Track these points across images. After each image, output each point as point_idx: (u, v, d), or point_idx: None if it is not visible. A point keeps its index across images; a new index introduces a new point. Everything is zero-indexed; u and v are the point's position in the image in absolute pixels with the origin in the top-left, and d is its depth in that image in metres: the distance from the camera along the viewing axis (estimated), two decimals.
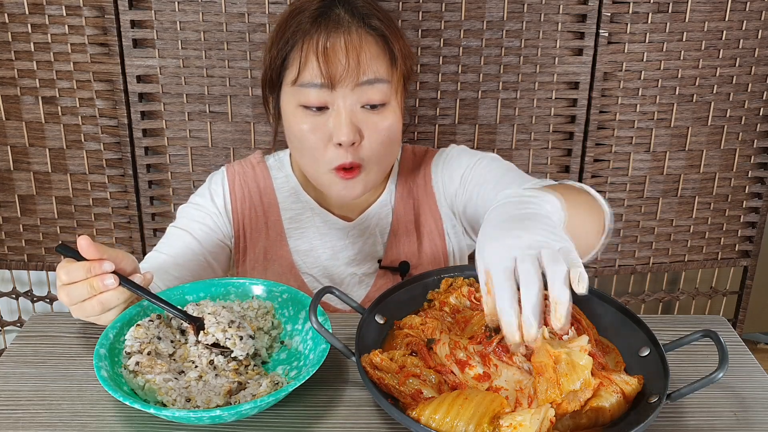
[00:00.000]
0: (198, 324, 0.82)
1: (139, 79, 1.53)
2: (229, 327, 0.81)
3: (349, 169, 1.02)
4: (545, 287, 0.66)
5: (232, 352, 0.80)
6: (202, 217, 1.14)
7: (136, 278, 0.83)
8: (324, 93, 0.99)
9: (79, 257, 0.80)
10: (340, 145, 1.00)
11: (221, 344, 0.80)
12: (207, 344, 0.80)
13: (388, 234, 1.16)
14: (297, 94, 1.01)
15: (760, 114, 1.67)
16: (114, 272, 0.80)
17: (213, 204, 1.15)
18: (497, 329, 0.78)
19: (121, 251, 0.83)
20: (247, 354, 0.81)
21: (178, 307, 0.84)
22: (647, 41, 1.56)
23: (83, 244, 0.79)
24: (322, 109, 1.00)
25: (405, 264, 1.15)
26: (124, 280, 0.81)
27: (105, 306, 0.81)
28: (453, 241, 1.18)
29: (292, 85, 1.01)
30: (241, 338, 0.81)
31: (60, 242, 0.80)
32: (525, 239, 0.68)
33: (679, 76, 1.60)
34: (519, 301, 0.66)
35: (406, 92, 1.10)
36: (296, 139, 1.04)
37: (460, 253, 1.20)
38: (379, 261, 1.16)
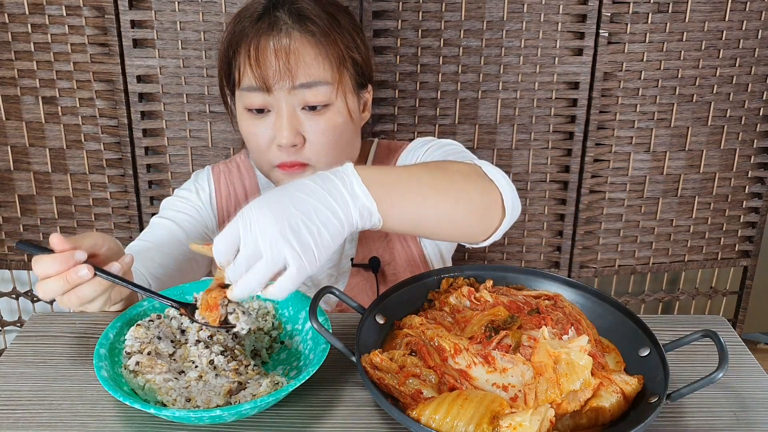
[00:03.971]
0: (189, 308, 0.81)
1: (139, 79, 1.53)
2: (229, 302, 0.80)
3: (291, 165, 1.02)
4: None
5: (233, 327, 0.79)
6: (186, 209, 1.14)
7: (113, 267, 0.79)
8: (263, 96, 1.00)
9: (45, 252, 0.77)
10: (281, 146, 1.01)
11: (226, 321, 0.80)
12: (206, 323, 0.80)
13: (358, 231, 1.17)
14: (241, 97, 1.02)
15: (760, 114, 1.67)
16: (87, 262, 0.76)
17: (198, 198, 1.16)
18: (497, 329, 0.78)
19: (99, 235, 0.79)
20: (252, 344, 0.81)
21: (164, 295, 0.83)
22: (647, 41, 1.57)
23: (54, 241, 0.76)
24: (263, 111, 1.01)
25: (375, 260, 1.15)
26: (98, 270, 0.77)
27: (82, 299, 0.78)
28: (426, 243, 1.17)
29: (238, 89, 1.03)
30: (244, 312, 0.80)
31: (20, 239, 0.74)
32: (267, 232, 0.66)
33: (679, 76, 1.60)
34: None
35: (364, 90, 1.10)
36: (246, 140, 1.06)
37: (438, 257, 1.19)
38: (352, 259, 1.17)
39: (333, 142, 1.03)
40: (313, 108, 1.01)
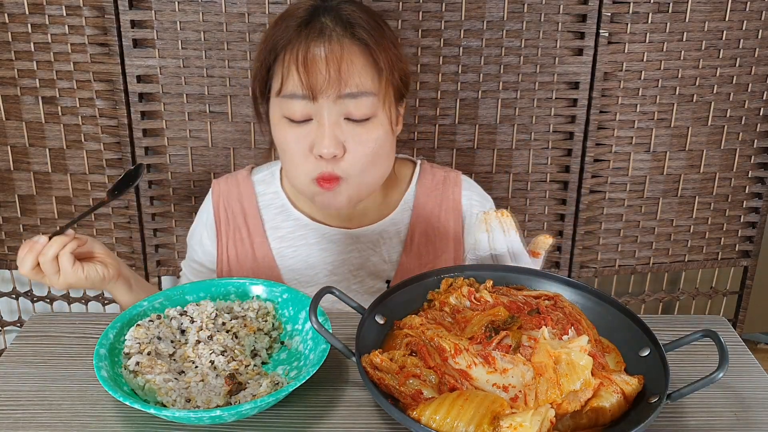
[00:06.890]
0: None
1: (139, 79, 1.53)
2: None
3: (328, 179, 1.00)
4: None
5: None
6: (199, 244, 1.18)
7: (68, 232, 0.99)
8: (306, 104, 0.96)
9: None
10: (321, 156, 0.98)
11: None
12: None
13: (400, 253, 1.14)
14: (281, 104, 0.99)
15: (760, 114, 1.67)
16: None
17: (205, 226, 1.17)
18: (497, 329, 0.78)
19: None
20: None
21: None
22: (647, 41, 1.57)
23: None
24: (305, 120, 0.98)
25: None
26: (54, 233, 0.98)
27: (67, 259, 0.97)
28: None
29: (277, 96, 0.99)
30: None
31: None
32: None
33: (679, 76, 1.60)
34: None
35: (400, 103, 1.07)
36: (281, 149, 1.02)
37: None
38: (388, 281, 1.14)
39: (372, 155, 1.00)
40: (356, 120, 0.98)
